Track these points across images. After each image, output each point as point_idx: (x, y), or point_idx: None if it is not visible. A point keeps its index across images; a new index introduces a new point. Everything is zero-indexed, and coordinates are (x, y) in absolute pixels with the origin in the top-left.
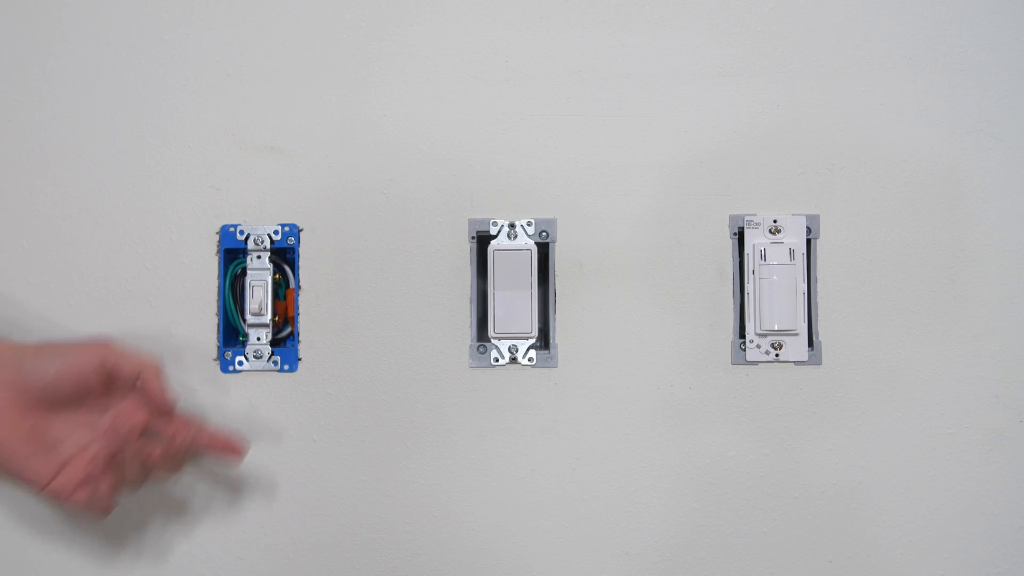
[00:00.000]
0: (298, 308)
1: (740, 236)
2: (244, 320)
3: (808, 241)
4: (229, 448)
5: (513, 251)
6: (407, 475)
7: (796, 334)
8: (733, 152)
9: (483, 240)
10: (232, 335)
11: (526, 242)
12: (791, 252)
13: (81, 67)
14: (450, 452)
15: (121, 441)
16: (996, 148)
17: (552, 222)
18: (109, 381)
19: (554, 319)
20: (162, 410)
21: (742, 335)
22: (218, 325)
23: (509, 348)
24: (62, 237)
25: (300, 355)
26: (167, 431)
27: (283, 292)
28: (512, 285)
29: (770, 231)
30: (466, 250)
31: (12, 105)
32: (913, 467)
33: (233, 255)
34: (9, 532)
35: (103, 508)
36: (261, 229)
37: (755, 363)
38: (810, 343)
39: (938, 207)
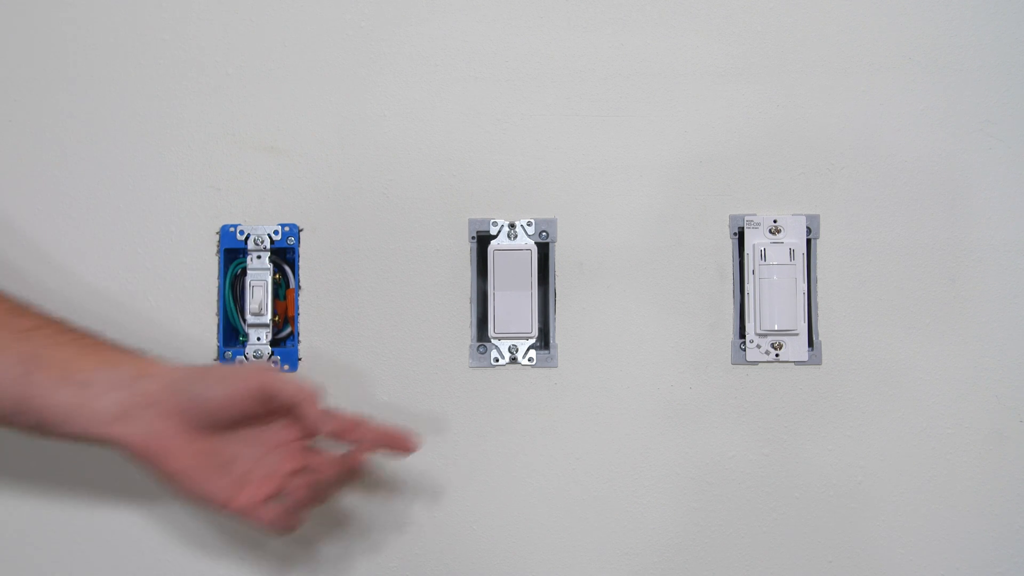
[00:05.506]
0: (298, 308)
1: (740, 236)
2: (244, 320)
3: (808, 241)
4: (401, 444)
5: (513, 251)
6: (407, 475)
7: (796, 334)
8: (733, 152)
9: (483, 240)
10: (232, 335)
11: (526, 242)
12: (791, 252)
13: (80, 67)
14: (450, 452)
15: (294, 460)
16: (996, 148)
17: (552, 222)
18: (268, 406)
19: (554, 319)
20: (318, 432)
21: (742, 335)
22: (218, 325)
23: (509, 348)
24: (62, 237)
25: (300, 355)
26: (332, 436)
27: (283, 292)
28: (512, 285)
29: (770, 231)
30: (466, 250)
31: (12, 105)
32: (913, 467)
33: (233, 255)
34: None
35: (288, 526)
36: (261, 229)
37: (755, 363)
38: (810, 343)
39: (938, 207)
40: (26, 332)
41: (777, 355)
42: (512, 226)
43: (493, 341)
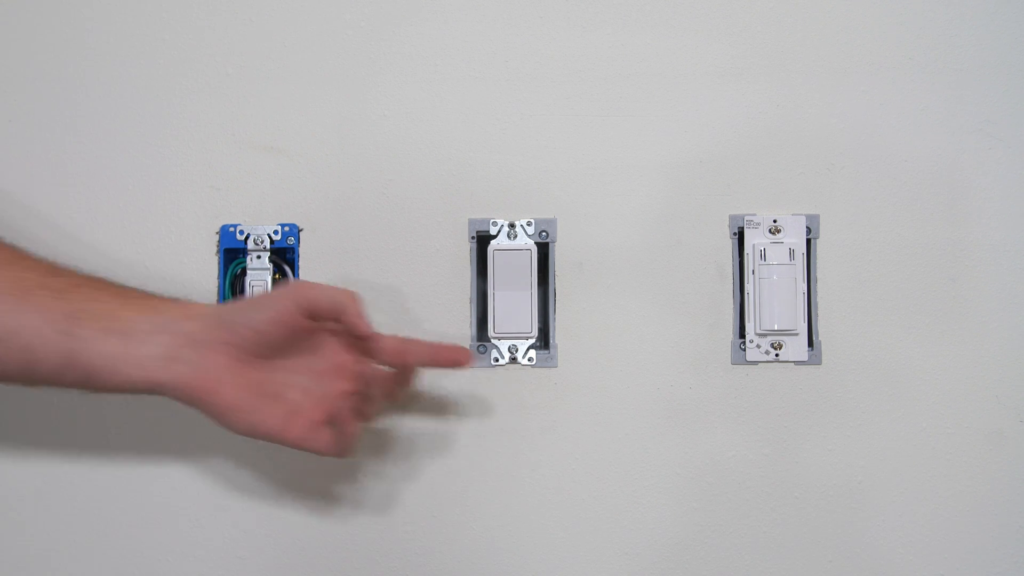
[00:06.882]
0: None
1: (740, 236)
2: None
3: (808, 241)
4: (452, 358)
5: (513, 251)
6: (407, 475)
7: (796, 334)
8: (733, 152)
9: (483, 240)
10: None
11: (526, 242)
12: (791, 252)
13: (80, 67)
14: (450, 452)
15: (346, 381)
16: (996, 148)
17: (552, 222)
18: (311, 318)
19: (554, 319)
20: (363, 336)
21: (742, 335)
22: None
23: (509, 348)
24: (62, 237)
25: None
26: (383, 356)
27: None
28: (512, 285)
29: (770, 231)
30: (466, 250)
31: (12, 105)
32: (913, 467)
33: (233, 255)
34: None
35: (344, 450)
36: (261, 229)
37: (755, 363)
38: (810, 343)
39: (938, 207)
40: (65, 290)
41: (777, 355)
42: (512, 226)
43: (493, 341)
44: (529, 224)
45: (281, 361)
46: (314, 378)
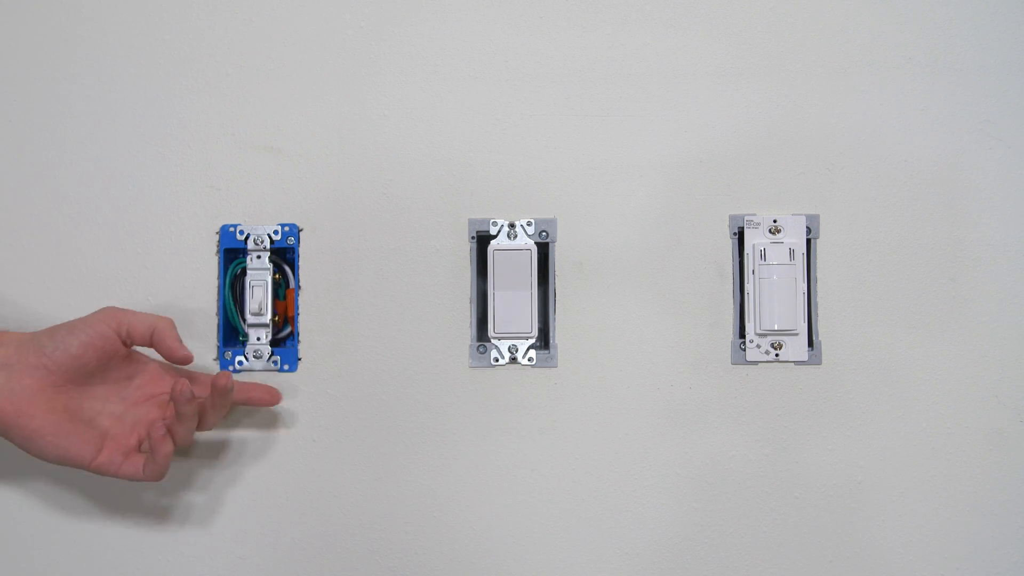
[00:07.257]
0: (298, 308)
1: (740, 236)
2: (244, 320)
3: (808, 241)
4: (264, 397)
5: (513, 251)
6: (407, 475)
7: (796, 334)
8: (733, 152)
9: (483, 240)
10: (232, 335)
11: (526, 242)
12: (791, 252)
13: (80, 67)
14: (450, 452)
15: (161, 408)
16: (996, 148)
17: (552, 222)
18: (127, 343)
19: (554, 319)
20: (181, 362)
21: (742, 335)
22: (218, 325)
23: (509, 348)
24: (62, 237)
25: (300, 355)
26: (197, 386)
27: (283, 292)
28: (512, 285)
29: (770, 231)
30: (466, 250)
31: (12, 105)
32: (913, 467)
33: (233, 255)
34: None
35: (156, 474)
36: (261, 229)
37: (755, 363)
38: (810, 343)
39: (938, 207)
40: None
41: (777, 355)
42: (512, 226)
43: (493, 341)
44: (529, 224)
45: (96, 387)
46: (128, 405)
